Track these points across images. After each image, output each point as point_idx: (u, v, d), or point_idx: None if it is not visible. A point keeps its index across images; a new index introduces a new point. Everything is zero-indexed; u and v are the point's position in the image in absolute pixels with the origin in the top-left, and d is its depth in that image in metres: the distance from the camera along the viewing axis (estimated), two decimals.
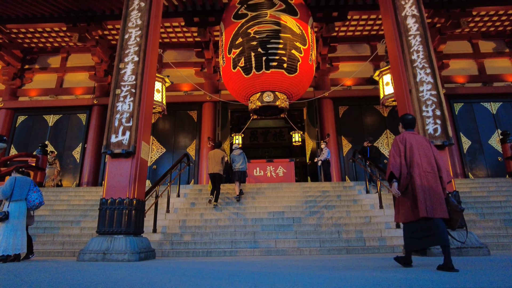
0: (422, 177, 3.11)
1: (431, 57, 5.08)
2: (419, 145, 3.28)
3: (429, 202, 3.01)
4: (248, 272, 2.95)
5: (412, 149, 3.25)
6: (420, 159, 3.20)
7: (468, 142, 11.26)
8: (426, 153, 3.24)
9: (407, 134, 3.38)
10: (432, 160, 3.23)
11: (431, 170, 3.17)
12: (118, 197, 4.73)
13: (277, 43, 7.95)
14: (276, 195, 8.02)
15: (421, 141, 3.34)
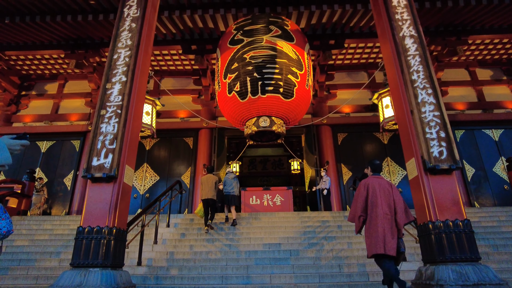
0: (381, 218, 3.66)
1: (432, 77, 4.87)
2: (382, 189, 3.80)
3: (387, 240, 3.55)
4: None
5: (375, 193, 3.78)
6: (381, 202, 3.73)
7: (472, 169, 10.89)
8: (387, 197, 3.77)
9: (371, 179, 3.97)
10: (391, 203, 3.76)
11: (389, 212, 3.72)
12: (96, 226, 4.31)
13: (273, 68, 7.83)
14: (272, 226, 7.55)
15: (384, 185, 3.85)
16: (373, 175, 4.04)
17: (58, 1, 9.05)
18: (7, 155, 1.49)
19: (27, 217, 8.76)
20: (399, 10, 5.52)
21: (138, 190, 11.14)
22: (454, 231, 4.16)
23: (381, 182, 3.87)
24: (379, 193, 3.76)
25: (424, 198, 4.46)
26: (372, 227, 3.70)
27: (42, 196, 10.02)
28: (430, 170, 4.45)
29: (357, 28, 10.65)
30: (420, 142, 4.56)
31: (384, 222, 3.63)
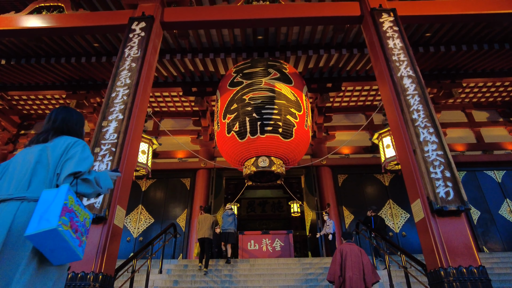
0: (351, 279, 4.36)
1: (432, 116, 4.83)
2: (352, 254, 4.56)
3: None
4: None
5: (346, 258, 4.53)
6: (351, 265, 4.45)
7: (477, 212, 10.55)
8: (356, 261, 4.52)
9: (344, 246, 4.80)
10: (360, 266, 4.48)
11: (358, 273, 4.45)
12: (81, 271, 3.98)
13: (271, 109, 7.87)
14: (272, 273, 7.08)
15: (354, 250, 4.65)
16: (346, 242, 4.92)
17: (64, 44, 9.34)
18: (110, 182, 1.82)
19: None
20: (396, 52, 5.65)
21: (132, 233, 10.67)
22: (469, 279, 3.84)
23: (352, 248, 4.71)
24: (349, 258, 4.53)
25: (433, 242, 4.18)
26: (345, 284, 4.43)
27: None
28: (438, 211, 4.23)
29: (354, 72, 10.93)
30: (425, 182, 4.39)
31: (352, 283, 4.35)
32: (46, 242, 1.40)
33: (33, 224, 1.39)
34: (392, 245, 6.29)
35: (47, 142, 1.81)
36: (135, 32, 6.30)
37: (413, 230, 10.29)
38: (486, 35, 9.32)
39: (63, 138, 1.84)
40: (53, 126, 1.93)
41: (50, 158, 1.71)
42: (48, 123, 1.97)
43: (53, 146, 1.77)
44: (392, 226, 10.48)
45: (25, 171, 1.66)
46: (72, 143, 1.79)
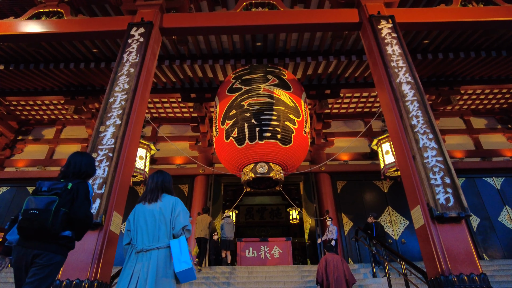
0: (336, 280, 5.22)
1: (432, 122, 4.82)
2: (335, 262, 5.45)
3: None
4: None
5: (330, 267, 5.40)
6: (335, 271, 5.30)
7: (477, 219, 10.50)
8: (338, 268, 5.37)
9: (327, 255, 5.70)
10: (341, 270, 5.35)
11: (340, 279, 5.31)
12: (76, 279, 3.91)
13: (270, 115, 7.86)
14: (270, 281, 6.98)
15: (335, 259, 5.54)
16: (328, 253, 5.81)
17: (63, 50, 9.35)
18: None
19: (5, 268, 8.11)
20: (394, 58, 5.66)
21: None
22: (470, 286, 3.79)
23: (334, 257, 5.61)
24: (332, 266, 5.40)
25: (433, 249, 4.14)
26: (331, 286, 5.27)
27: None
28: (438, 218, 4.18)
29: (352, 79, 10.96)
30: (425, 188, 4.35)
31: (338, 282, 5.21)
32: (184, 273, 2.36)
33: (178, 265, 2.34)
34: (392, 252, 6.22)
35: (157, 200, 2.62)
36: (134, 38, 6.30)
37: (413, 237, 10.22)
38: (483, 42, 9.38)
39: (167, 197, 2.68)
40: (157, 186, 2.73)
41: (166, 216, 2.53)
42: (152, 183, 2.76)
43: (164, 206, 2.58)
44: (391, 233, 10.41)
45: (153, 228, 2.47)
46: (174, 202, 2.64)
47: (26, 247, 2.03)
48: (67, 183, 2.25)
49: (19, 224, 2.04)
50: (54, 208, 2.07)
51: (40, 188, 2.21)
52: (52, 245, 2.09)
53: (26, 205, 2.10)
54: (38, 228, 2.01)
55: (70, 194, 2.20)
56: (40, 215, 2.02)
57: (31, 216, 2.01)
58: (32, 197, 2.12)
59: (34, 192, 2.20)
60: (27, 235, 2.05)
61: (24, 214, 2.02)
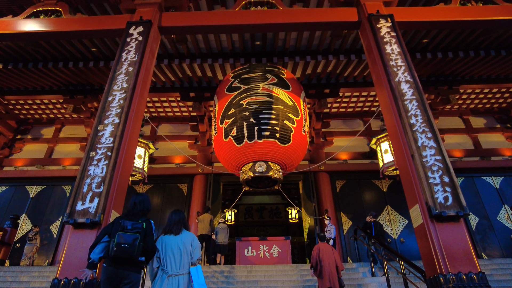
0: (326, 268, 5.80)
1: (430, 121, 4.82)
2: (326, 250, 6.07)
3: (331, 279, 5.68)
4: None
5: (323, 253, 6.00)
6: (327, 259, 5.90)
7: (476, 218, 10.52)
8: (330, 255, 5.99)
9: (320, 245, 6.24)
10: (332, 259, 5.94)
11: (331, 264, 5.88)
12: (74, 278, 3.90)
13: (269, 114, 7.85)
14: (269, 279, 6.98)
15: (327, 248, 6.13)
16: (321, 242, 6.35)
17: (62, 49, 9.33)
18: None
19: (3, 267, 8.12)
20: (393, 57, 5.66)
21: None
22: (468, 285, 3.79)
23: (326, 246, 6.18)
24: (325, 253, 6.00)
25: (432, 248, 4.14)
26: (321, 274, 5.82)
27: (35, 246, 9.36)
28: (436, 217, 4.19)
29: (351, 78, 10.96)
30: (424, 187, 4.35)
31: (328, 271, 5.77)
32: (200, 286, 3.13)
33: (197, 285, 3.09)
34: (391, 251, 6.22)
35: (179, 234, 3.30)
36: (133, 37, 6.29)
37: (412, 236, 10.23)
38: (483, 41, 9.38)
39: (186, 232, 3.40)
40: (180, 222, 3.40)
41: (187, 249, 3.25)
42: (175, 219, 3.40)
43: (185, 239, 3.29)
44: (390, 233, 10.41)
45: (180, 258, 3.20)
46: (193, 238, 3.36)
47: (118, 269, 2.90)
48: (142, 223, 3.04)
49: (114, 253, 2.84)
50: (138, 243, 2.89)
51: (126, 226, 2.96)
52: (135, 267, 2.99)
53: (117, 239, 2.88)
54: (127, 257, 2.87)
55: (143, 231, 2.99)
56: (129, 248, 2.86)
57: (123, 249, 2.84)
58: (121, 233, 2.91)
59: (121, 229, 2.94)
60: (120, 261, 2.89)
61: (117, 247, 2.84)
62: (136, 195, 3.31)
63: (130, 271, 2.92)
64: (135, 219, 3.06)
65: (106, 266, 2.92)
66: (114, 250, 2.82)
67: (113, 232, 2.96)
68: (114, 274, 2.87)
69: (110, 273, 2.89)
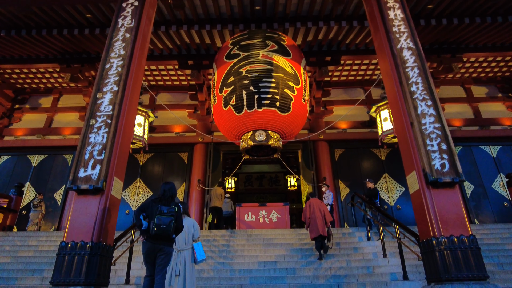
0: (317, 219, 6.57)
1: (431, 89, 4.79)
2: (317, 204, 6.87)
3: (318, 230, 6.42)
4: None
5: (313, 207, 6.80)
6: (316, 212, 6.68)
7: (471, 186, 10.74)
8: (320, 209, 6.77)
9: (311, 200, 7.05)
10: (322, 211, 6.73)
11: (321, 216, 6.65)
12: (80, 241, 4.06)
13: (269, 82, 7.76)
14: (268, 243, 7.26)
15: (318, 202, 6.95)
16: (311, 198, 7.18)
17: (55, 15, 9.03)
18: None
19: (12, 233, 8.40)
20: (396, 23, 5.51)
21: (131, 206, 10.82)
22: (459, 247, 3.96)
23: (317, 201, 6.99)
24: (315, 207, 6.80)
25: (426, 213, 4.27)
26: (312, 224, 6.60)
27: (40, 212, 9.67)
28: (432, 183, 4.28)
29: (353, 45, 10.71)
30: (421, 154, 4.41)
31: (318, 222, 6.51)
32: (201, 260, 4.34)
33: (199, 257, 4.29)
34: (387, 216, 6.42)
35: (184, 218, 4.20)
36: (129, 2, 6.07)
37: (408, 203, 10.50)
38: (490, 7, 9.07)
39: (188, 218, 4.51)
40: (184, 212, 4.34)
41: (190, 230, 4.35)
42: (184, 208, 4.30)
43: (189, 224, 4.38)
44: (387, 200, 10.67)
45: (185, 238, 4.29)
46: (193, 222, 4.50)
47: (155, 244, 3.61)
48: (175, 208, 3.70)
49: (154, 232, 3.51)
50: (172, 224, 3.58)
51: (163, 211, 3.58)
52: (169, 242, 3.70)
53: (157, 221, 3.52)
54: (164, 235, 3.57)
55: (176, 214, 3.64)
56: (166, 228, 3.53)
57: (162, 229, 3.50)
58: (160, 216, 3.54)
59: (159, 213, 3.56)
60: (158, 238, 3.59)
61: (157, 227, 3.50)
62: (165, 184, 3.87)
63: (165, 245, 3.62)
64: (168, 204, 3.68)
65: (146, 242, 3.62)
66: (154, 230, 3.48)
67: (151, 214, 3.62)
68: (152, 248, 3.57)
69: (149, 247, 3.58)
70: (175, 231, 3.65)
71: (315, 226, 6.49)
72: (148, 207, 3.70)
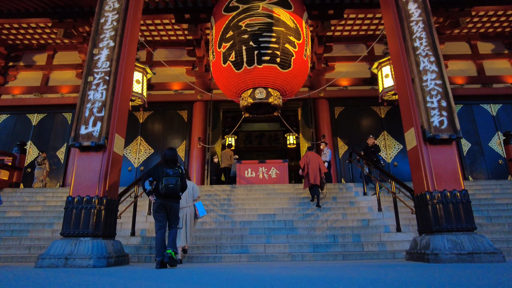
0: (312, 170, 7.15)
1: (435, 44, 4.66)
2: (313, 157, 7.40)
3: (313, 179, 7.05)
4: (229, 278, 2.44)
5: (310, 159, 7.35)
6: (312, 163, 7.25)
7: (468, 144, 10.87)
8: (316, 161, 7.32)
9: (308, 152, 7.61)
10: (317, 164, 7.27)
11: (316, 168, 7.19)
12: (86, 195, 4.20)
13: (269, 37, 7.53)
14: (267, 197, 7.52)
15: (314, 155, 7.47)
16: (308, 151, 7.73)
17: None
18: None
19: (19, 189, 8.66)
20: None
21: (133, 163, 11.03)
22: (451, 201, 4.12)
23: (313, 154, 7.53)
24: (312, 158, 7.35)
25: (422, 168, 4.38)
26: (308, 175, 7.17)
27: (44, 170, 9.91)
28: (430, 140, 4.34)
29: None
30: (421, 111, 4.42)
31: (313, 172, 7.12)
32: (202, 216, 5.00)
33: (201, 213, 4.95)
34: (384, 172, 6.59)
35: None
36: None
37: (405, 160, 10.69)
38: None
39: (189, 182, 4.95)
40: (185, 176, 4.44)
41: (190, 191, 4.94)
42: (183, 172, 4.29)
43: (189, 185, 4.89)
44: (384, 157, 10.85)
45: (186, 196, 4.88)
46: (193, 184, 5.10)
47: (165, 201, 4.04)
48: (178, 170, 4.12)
49: (164, 192, 3.95)
50: (179, 184, 4.03)
51: (169, 173, 4.01)
52: (176, 199, 4.15)
53: (165, 182, 3.94)
54: (173, 193, 4.01)
55: (180, 175, 4.09)
56: (174, 187, 3.97)
57: (170, 188, 3.94)
58: (167, 177, 3.97)
59: (166, 175, 3.99)
60: (168, 196, 4.02)
61: (166, 187, 3.93)
62: (168, 149, 4.25)
63: (173, 202, 4.09)
64: (172, 167, 4.09)
65: (157, 199, 4.04)
66: (164, 190, 3.93)
67: (158, 177, 4.04)
68: (164, 205, 4.04)
69: (159, 204, 4.03)
70: (181, 189, 4.11)
71: (309, 176, 7.13)
72: (154, 171, 4.10)
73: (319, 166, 7.25)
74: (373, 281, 2.20)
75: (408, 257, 4.49)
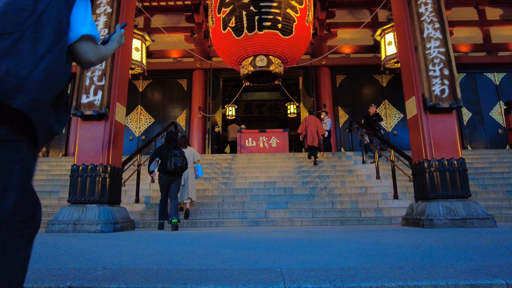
0: (310, 132, 7.76)
1: (441, 10, 4.53)
2: (312, 120, 7.96)
3: (311, 141, 7.67)
4: (230, 241, 2.57)
5: (309, 122, 7.92)
6: (311, 127, 7.82)
7: (469, 114, 10.85)
8: (314, 124, 7.89)
9: (308, 116, 8.17)
10: (316, 127, 7.85)
11: (314, 130, 7.77)
12: (90, 164, 4.29)
13: (270, 1, 7.26)
14: (267, 165, 7.65)
15: (313, 119, 8.03)
16: (309, 115, 8.31)
17: None
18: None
19: None
20: None
21: (134, 132, 11.08)
22: (448, 169, 4.21)
23: (312, 118, 8.08)
24: (310, 122, 7.91)
25: (421, 137, 4.43)
26: (307, 136, 7.79)
27: None
28: (430, 108, 4.35)
29: None
30: (422, 79, 4.39)
31: (311, 134, 7.70)
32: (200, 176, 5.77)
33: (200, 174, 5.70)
34: (383, 141, 6.65)
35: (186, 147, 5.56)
36: None
37: (405, 130, 10.73)
38: None
39: (188, 147, 5.74)
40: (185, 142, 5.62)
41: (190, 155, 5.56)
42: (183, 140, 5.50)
43: (190, 151, 5.69)
44: (385, 126, 10.88)
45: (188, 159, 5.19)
46: (193, 150, 5.84)
47: (171, 177, 4.80)
48: (182, 151, 4.90)
49: (172, 169, 4.67)
50: (184, 163, 4.78)
51: (176, 153, 4.72)
52: (180, 175, 4.93)
53: (173, 161, 4.65)
54: (179, 171, 4.78)
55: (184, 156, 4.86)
56: (180, 166, 4.73)
57: (178, 167, 4.69)
58: (174, 157, 4.67)
59: (174, 155, 4.69)
60: (174, 173, 4.77)
61: (174, 165, 4.66)
62: (170, 132, 5.13)
63: (177, 177, 4.87)
64: (177, 148, 4.85)
65: (163, 175, 4.81)
66: (172, 167, 4.64)
67: (166, 156, 4.69)
68: (169, 179, 4.77)
69: (166, 179, 4.78)
70: (186, 167, 4.90)
71: (308, 137, 7.79)
72: (161, 151, 4.81)
73: (317, 129, 7.81)
74: (369, 243, 2.32)
75: (404, 223, 4.66)
